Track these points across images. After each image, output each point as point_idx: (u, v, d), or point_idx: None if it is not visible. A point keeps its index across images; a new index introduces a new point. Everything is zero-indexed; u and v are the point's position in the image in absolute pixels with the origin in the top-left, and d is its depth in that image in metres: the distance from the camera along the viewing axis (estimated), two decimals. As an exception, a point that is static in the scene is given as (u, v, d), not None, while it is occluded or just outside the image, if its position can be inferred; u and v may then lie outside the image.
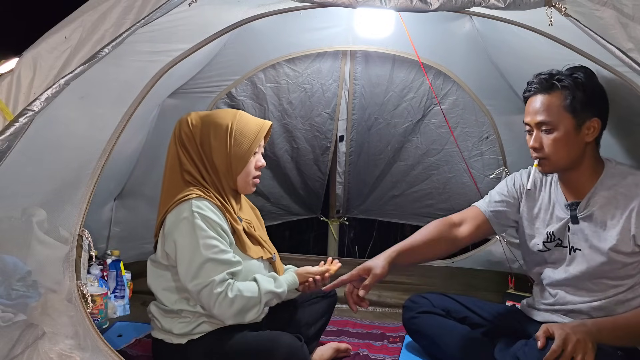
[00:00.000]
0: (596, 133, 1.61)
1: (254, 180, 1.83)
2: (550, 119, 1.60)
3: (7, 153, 1.30)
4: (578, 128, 1.60)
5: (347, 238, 3.46)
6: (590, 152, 1.64)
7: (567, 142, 1.61)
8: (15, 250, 1.44)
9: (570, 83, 1.59)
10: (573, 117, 1.59)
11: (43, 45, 1.34)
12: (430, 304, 2.03)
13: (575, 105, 1.58)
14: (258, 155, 1.83)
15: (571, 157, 1.63)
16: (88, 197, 1.55)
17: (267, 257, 1.84)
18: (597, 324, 1.54)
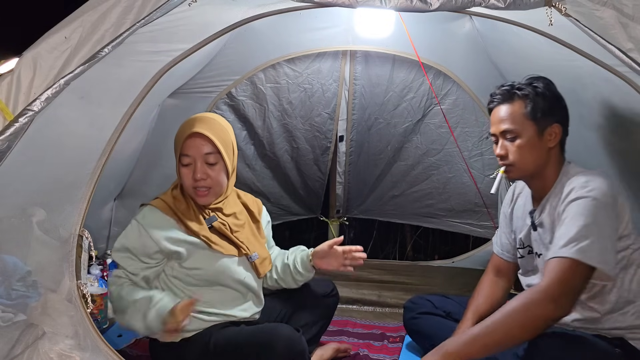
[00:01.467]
0: (558, 138, 1.67)
1: (197, 192, 1.75)
2: (514, 126, 1.66)
3: (7, 153, 1.30)
4: (540, 134, 1.66)
5: (347, 238, 3.46)
6: (554, 157, 1.69)
7: (531, 148, 1.66)
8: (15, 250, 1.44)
9: (530, 92, 1.66)
10: (535, 124, 1.65)
11: (43, 45, 1.34)
12: (431, 305, 2.04)
13: (536, 112, 1.65)
14: (194, 167, 1.72)
15: (536, 163, 1.69)
16: (88, 197, 1.55)
17: (242, 255, 1.81)
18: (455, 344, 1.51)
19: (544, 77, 1.70)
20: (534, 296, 1.46)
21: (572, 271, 1.46)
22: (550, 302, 1.45)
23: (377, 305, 2.69)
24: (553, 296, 1.45)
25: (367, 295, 2.76)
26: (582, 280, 1.49)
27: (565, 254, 1.48)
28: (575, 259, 1.46)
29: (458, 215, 2.95)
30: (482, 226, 2.92)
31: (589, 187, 1.56)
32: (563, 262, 1.48)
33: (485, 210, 2.80)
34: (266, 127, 2.78)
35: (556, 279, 1.46)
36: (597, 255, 1.47)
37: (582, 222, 1.50)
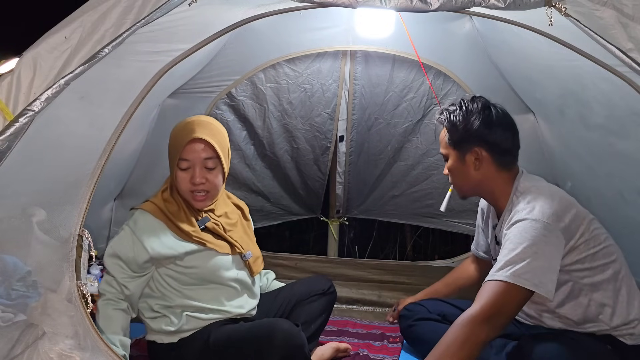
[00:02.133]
0: (485, 160, 1.70)
1: (194, 196, 1.77)
2: (442, 150, 1.81)
3: (7, 153, 1.30)
4: (462, 158, 1.73)
5: (347, 238, 3.46)
6: (490, 176, 1.71)
7: (458, 172, 1.77)
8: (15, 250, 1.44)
9: (446, 120, 1.74)
10: (454, 150, 1.74)
11: (43, 46, 1.34)
12: (425, 310, 2.05)
13: (452, 139, 1.74)
14: (192, 171, 1.74)
15: (469, 184, 1.76)
16: (88, 197, 1.55)
17: (235, 253, 1.83)
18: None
19: (475, 97, 1.75)
20: (469, 321, 1.47)
21: (505, 294, 1.47)
22: (483, 324, 1.46)
23: (377, 305, 2.69)
24: (486, 318, 1.46)
25: (367, 295, 2.76)
26: (516, 303, 1.49)
27: (500, 277, 1.49)
28: (509, 283, 1.47)
29: (458, 215, 2.95)
30: (482, 226, 2.91)
31: (529, 208, 1.57)
32: (497, 285, 1.49)
33: (485, 210, 2.80)
34: (266, 127, 2.78)
35: (489, 301, 1.47)
36: (532, 278, 1.47)
37: (521, 245, 1.51)
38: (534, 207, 1.56)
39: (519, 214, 1.57)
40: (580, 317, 1.62)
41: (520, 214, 1.57)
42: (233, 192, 2.87)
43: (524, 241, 1.51)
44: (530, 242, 1.50)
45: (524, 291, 1.47)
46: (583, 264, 1.59)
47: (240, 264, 1.85)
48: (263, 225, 3.08)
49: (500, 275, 1.49)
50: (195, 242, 1.74)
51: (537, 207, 1.56)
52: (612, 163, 1.99)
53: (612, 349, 1.57)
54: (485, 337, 1.46)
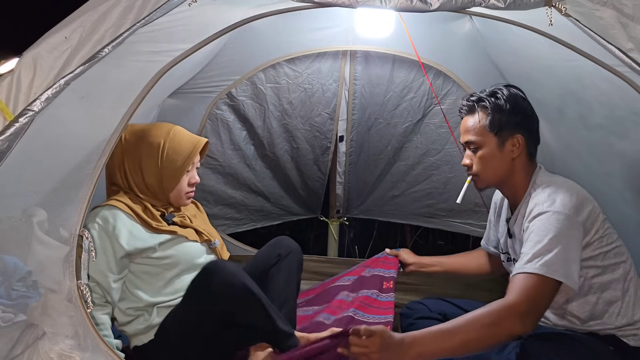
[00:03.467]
0: (521, 148, 1.69)
1: (188, 195, 1.91)
2: (475, 138, 1.71)
3: (7, 153, 1.30)
4: (501, 145, 1.69)
5: (347, 238, 3.46)
6: (520, 167, 1.71)
7: (493, 159, 1.70)
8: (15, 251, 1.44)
9: (489, 104, 1.69)
10: (494, 136, 1.69)
11: (43, 46, 1.34)
12: (426, 309, 2.04)
13: (494, 124, 1.68)
14: (192, 172, 1.90)
15: (498, 174, 1.72)
16: (88, 197, 1.55)
17: (204, 240, 1.92)
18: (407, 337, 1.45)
19: (511, 85, 1.74)
20: (501, 312, 1.45)
21: (538, 287, 1.47)
22: (518, 319, 1.44)
23: (377, 305, 2.69)
24: (520, 314, 1.44)
25: (367, 295, 2.75)
26: (549, 295, 1.49)
27: (530, 269, 1.48)
28: (540, 275, 1.47)
29: (458, 215, 2.95)
30: (482, 226, 2.89)
31: (550, 201, 1.57)
32: (529, 278, 1.48)
33: (485, 210, 2.80)
34: (266, 127, 2.78)
35: (524, 296, 1.46)
36: (561, 269, 1.48)
37: (546, 237, 1.51)
38: (554, 200, 1.56)
39: (540, 207, 1.57)
40: (587, 314, 1.62)
41: (541, 206, 1.57)
42: (233, 192, 2.89)
43: (548, 233, 1.51)
44: (555, 233, 1.50)
45: (554, 282, 1.47)
46: (595, 262, 1.60)
47: (209, 252, 1.94)
48: (263, 225, 3.08)
49: (530, 268, 1.49)
50: (165, 233, 1.82)
51: (558, 199, 1.56)
52: (612, 163, 1.99)
53: (615, 350, 1.57)
54: (516, 330, 1.44)
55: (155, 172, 1.82)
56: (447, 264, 2.16)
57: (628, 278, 1.62)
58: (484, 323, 1.43)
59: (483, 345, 1.45)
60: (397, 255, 2.18)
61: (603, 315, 1.60)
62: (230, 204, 2.90)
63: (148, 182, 1.83)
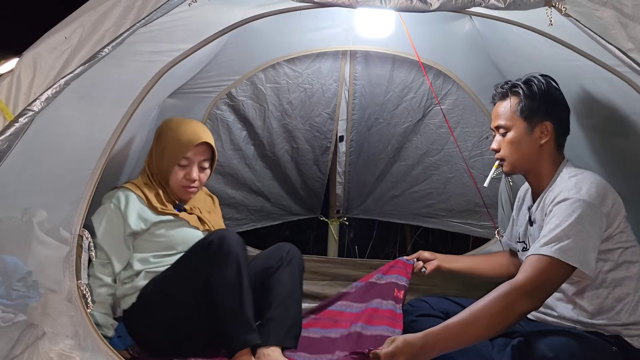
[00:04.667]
0: (550, 135, 1.72)
1: (186, 189, 1.98)
2: (505, 122, 1.75)
3: (7, 153, 1.30)
4: (530, 131, 1.72)
5: (347, 238, 3.46)
6: (547, 154, 1.74)
7: (521, 144, 1.73)
8: (15, 251, 1.44)
9: (521, 90, 1.72)
10: (524, 121, 1.72)
11: (43, 46, 1.34)
12: (429, 306, 2.05)
13: (525, 110, 1.71)
14: (189, 169, 1.96)
15: (526, 158, 1.75)
16: (88, 197, 1.55)
17: (205, 229, 2.01)
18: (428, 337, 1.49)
19: (545, 75, 1.75)
20: (512, 291, 1.48)
21: (550, 269, 1.50)
22: (526, 296, 1.48)
23: (377, 305, 2.68)
24: (529, 291, 1.48)
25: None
26: (560, 278, 1.52)
27: (546, 252, 1.51)
28: (554, 258, 1.49)
29: (458, 215, 2.94)
30: (482, 226, 2.91)
31: (576, 189, 1.59)
32: (542, 259, 1.51)
33: (485, 210, 2.80)
34: (266, 127, 2.78)
35: (534, 275, 1.49)
36: (577, 255, 1.49)
37: (565, 222, 1.53)
38: (580, 188, 1.59)
39: (566, 193, 1.59)
40: (596, 308, 1.63)
41: (566, 193, 1.59)
42: (233, 192, 2.89)
43: (569, 218, 1.53)
44: (576, 220, 1.53)
45: (568, 267, 1.49)
46: (613, 255, 1.61)
47: None
48: (263, 225, 3.07)
49: (545, 250, 1.51)
50: (168, 214, 1.93)
51: (584, 188, 1.59)
52: (612, 163, 1.99)
53: (619, 350, 1.57)
54: (525, 309, 1.48)
55: (158, 158, 1.97)
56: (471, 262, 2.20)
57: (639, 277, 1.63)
58: (497, 308, 1.47)
59: (499, 329, 1.50)
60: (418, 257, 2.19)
61: (611, 311, 1.61)
62: (230, 204, 2.90)
63: (154, 166, 1.98)
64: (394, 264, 2.20)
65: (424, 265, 2.18)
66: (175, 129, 1.97)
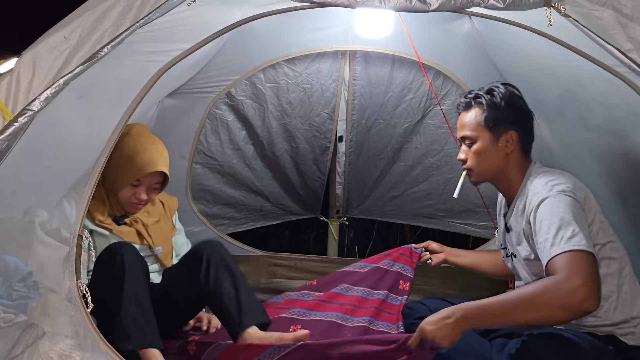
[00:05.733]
0: (515, 144, 1.75)
1: (133, 205, 1.98)
2: (470, 133, 1.77)
3: (6, 153, 1.30)
4: (495, 141, 1.74)
5: (347, 238, 3.46)
6: (514, 162, 1.76)
7: (487, 154, 1.75)
8: (16, 251, 1.44)
9: (485, 101, 1.74)
10: (489, 131, 1.74)
11: (42, 45, 1.34)
12: (426, 308, 2.04)
13: (489, 120, 1.73)
14: (139, 189, 1.95)
15: (493, 168, 1.77)
16: (88, 197, 1.55)
17: (144, 244, 2.01)
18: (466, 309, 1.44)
19: (507, 83, 1.79)
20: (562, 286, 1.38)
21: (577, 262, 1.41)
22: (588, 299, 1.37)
23: (376, 305, 2.68)
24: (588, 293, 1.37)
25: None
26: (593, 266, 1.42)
27: (559, 250, 1.45)
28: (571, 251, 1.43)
29: (458, 216, 2.95)
30: (482, 226, 2.92)
31: (548, 187, 1.60)
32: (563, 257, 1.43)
33: (485, 211, 2.81)
34: (266, 127, 2.78)
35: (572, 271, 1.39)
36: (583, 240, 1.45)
37: (556, 218, 1.51)
38: (552, 186, 1.59)
39: (540, 195, 1.59)
40: None
41: (540, 194, 1.59)
42: (232, 191, 2.89)
43: (557, 214, 1.52)
44: (563, 213, 1.52)
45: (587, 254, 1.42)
46: None
47: (149, 257, 2.03)
48: (263, 225, 3.08)
49: (557, 250, 1.44)
50: (103, 228, 1.93)
51: (555, 184, 1.60)
52: (611, 163, 1.99)
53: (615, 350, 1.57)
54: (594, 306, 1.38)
55: (112, 170, 1.89)
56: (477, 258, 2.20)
57: (623, 274, 1.63)
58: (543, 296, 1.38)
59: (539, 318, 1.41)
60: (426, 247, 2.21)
61: (599, 310, 1.60)
62: (230, 203, 2.90)
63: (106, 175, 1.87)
64: (403, 251, 2.22)
65: (431, 256, 2.19)
66: (133, 147, 1.92)
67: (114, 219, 1.99)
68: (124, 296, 1.73)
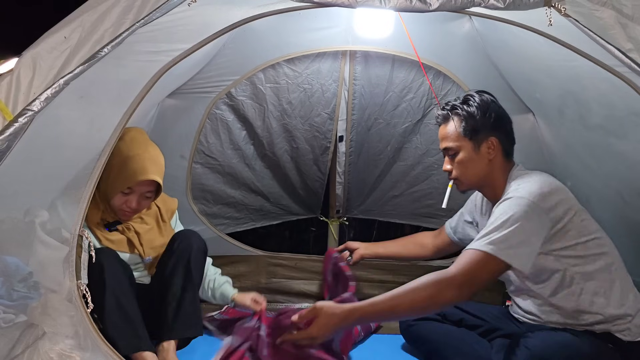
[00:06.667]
0: (497, 150, 1.80)
1: (124, 213, 1.96)
2: (452, 144, 1.83)
3: (6, 153, 1.30)
4: (477, 149, 1.80)
5: (347, 238, 3.45)
6: (497, 167, 1.81)
7: (470, 163, 1.82)
8: (17, 251, 1.44)
9: (462, 112, 1.80)
10: (470, 140, 1.79)
11: (42, 45, 1.34)
12: None
13: (468, 130, 1.79)
14: (130, 197, 1.93)
15: (478, 176, 1.83)
16: (88, 197, 1.55)
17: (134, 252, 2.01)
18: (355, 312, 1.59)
19: (482, 91, 1.84)
20: (441, 280, 1.53)
21: (481, 264, 1.54)
22: (455, 288, 1.52)
23: (376, 305, 2.68)
24: (458, 284, 1.52)
25: (367, 295, 2.74)
26: (490, 272, 1.56)
27: (477, 246, 1.56)
28: (485, 252, 1.53)
29: (458, 215, 2.95)
30: (482, 226, 2.92)
31: (517, 189, 1.65)
32: (474, 254, 1.55)
33: (484, 210, 2.81)
34: (266, 127, 2.78)
35: (465, 269, 1.54)
36: (508, 249, 1.53)
37: (500, 218, 1.58)
38: (520, 188, 1.65)
39: (507, 195, 1.66)
40: (574, 306, 1.65)
41: (508, 194, 1.65)
42: (232, 191, 2.88)
43: (504, 215, 1.58)
44: (511, 215, 1.57)
45: (499, 262, 1.54)
46: (574, 251, 1.63)
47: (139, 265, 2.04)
48: (263, 225, 3.07)
49: (477, 245, 1.56)
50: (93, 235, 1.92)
51: (523, 188, 1.64)
52: (611, 163, 1.99)
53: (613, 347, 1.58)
54: (451, 299, 1.54)
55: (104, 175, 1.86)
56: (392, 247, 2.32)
57: (612, 269, 1.65)
58: (423, 295, 1.53)
59: (421, 313, 1.63)
60: (346, 247, 2.34)
61: (591, 307, 1.62)
62: (230, 203, 2.90)
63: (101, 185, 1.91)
64: (329, 259, 2.37)
65: (350, 254, 2.31)
66: (125, 154, 1.90)
67: (106, 224, 1.98)
68: (105, 304, 1.73)
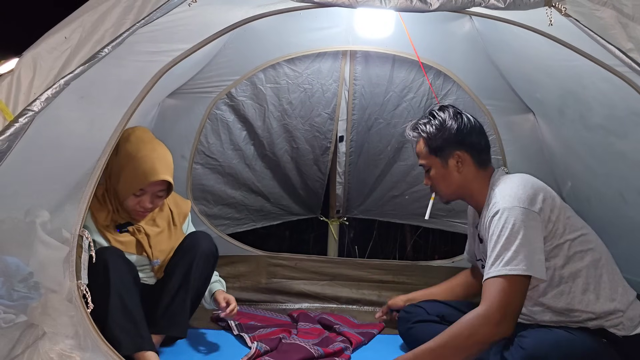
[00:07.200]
0: (466, 162, 1.81)
1: (138, 213, 1.97)
2: (423, 162, 1.89)
3: (7, 153, 1.30)
4: (445, 164, 1.83)
5: (347, 238, 3.46)
6: (471, 177, 1.83)
7: (441, 178, 1.85)
8: (17, 251, 1.44)
9: (424, 131, 1.84)
10: (436, 157, 1.83)
11: (43, 46, 1.34)
12: (424, 312, 2.05)
13: (432, 148, 1.83)
14: (143, 198, 1.93)
15: (453, 188, 1.85)
16: (88, 197, 1.55)
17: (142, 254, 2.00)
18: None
19: (444, 106, 1.88)
20: (476, 322, 1.53)
21: (507, 289, 1.52)
22: (493, 327, 1.51)
23: (377, 305, 2.68)
24: (495, 321, 1.51)
25: (367, 295, 2.76)
26: (520, 292, 1.55)
27: (495, 273, 1.54)
28: (505, 275, 1.52)
29: (458, 215, 2.94)
30: (482, 226, 2.92)
31: (503, 198, 1.64)
32: (496, 282, 1.54)
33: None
34: (266, 127, 2.78)
35: (495, 302, 1.52)
36: (523, 262, 1.53)
37: (502, 236, 1.57)
38: (505, 197, 1.64)
39: (495, 207, 1.64)
40: (564, 304, 1.65)
41: (495, 206, 1.64)
42: (233, 191, 2.88)
43: (504, 230, 1.57)
44: (511, 229, 1.57)
45: (522, 278, 1.53)
46: (562, 250, 1.64)
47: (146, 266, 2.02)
48: (263, 225, 3.07)
49: (494, 272, 1.55)
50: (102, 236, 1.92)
51: (509, 195, 1.63)
52: (611, 163, 1.99)
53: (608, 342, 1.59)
54: (497, 338, 1.53)
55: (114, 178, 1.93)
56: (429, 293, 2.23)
57: (600, 264, 1.66)
58: (462, 338, 1.52)
59: (471, 355, 1.54)
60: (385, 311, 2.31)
61: (581, 304, 1.63)
62: (230, 203, 2.90)
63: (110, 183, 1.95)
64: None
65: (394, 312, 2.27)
66: (133, 156, 1.90)
67: (117, 225, 1.97)
68: (109, 303, 1.74)
